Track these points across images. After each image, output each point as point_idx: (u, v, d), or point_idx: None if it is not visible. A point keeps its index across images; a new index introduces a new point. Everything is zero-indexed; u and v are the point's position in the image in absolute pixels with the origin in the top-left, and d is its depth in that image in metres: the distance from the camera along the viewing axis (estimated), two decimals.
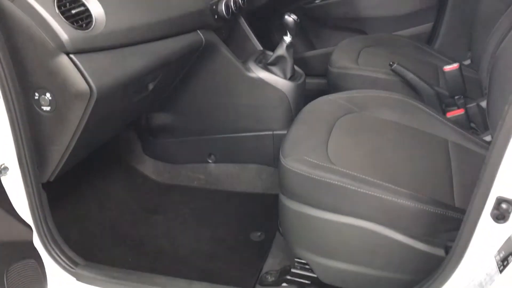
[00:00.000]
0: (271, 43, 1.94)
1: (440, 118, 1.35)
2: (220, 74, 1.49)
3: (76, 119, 1.00)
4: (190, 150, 1.69)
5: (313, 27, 2.27)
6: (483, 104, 1.52)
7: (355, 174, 1.02)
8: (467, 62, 1.98)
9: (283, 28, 1.50)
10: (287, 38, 1.51)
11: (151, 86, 1.24)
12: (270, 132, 1.57)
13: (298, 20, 1.49)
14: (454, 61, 1.87)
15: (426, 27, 2.13)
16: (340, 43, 1.91)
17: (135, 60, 1.08)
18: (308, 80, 1.69)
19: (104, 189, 1.61)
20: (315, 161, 1.05)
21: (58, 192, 1.23)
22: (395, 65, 1.53)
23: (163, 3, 1.19)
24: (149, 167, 1.74)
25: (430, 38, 2.15)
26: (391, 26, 2.14)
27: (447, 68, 1.52)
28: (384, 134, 1.25)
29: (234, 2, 1.51)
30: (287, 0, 2.13)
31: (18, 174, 1.00)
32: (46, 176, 1.09)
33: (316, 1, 2.18)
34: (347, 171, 1.03)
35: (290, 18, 1.48)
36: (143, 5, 1.12)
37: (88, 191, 1.56)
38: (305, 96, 1.61)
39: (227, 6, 1.43)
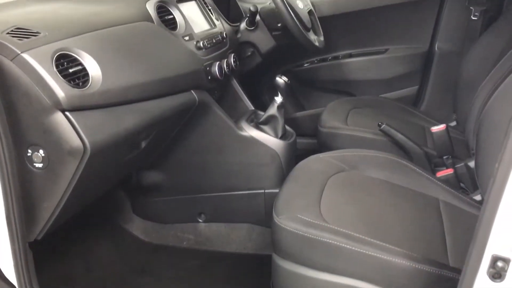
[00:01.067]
0: (261, 103, 1.99)
1: (430, 177, 1.37)
2: (212, 132, 1.51)
3: (68, 176, 0.99)
4: (180, 209, 1.67)
5: (303, 88, 2.33)
6: (471, 164, 1.54)
7: (349, 232, 1.01)
8: (453, 123, 2.03)
9: (274, 89, 1.54)
10: (278, 99, 1.55)
11: (143, 144, 1.25)
12: (262, 191, 1.57)
13: (289, 81, 1.54)
14: (440, 123, 1.93)
15: (412, 90, 2.20)
16: (329, 104, 1.95)
17: (129, 118, 1.09)
18: (299, 140, 1.72)
19: (91, 248, 1.57)
20: (309, 219, 1.04)
21: (45, 250, 1.20)
22: (383, 125, 1.56)
23: (159, 63, 1.22)
24: (137, 227, 1.71)
25: (416, 101, 2.22)
26: (378, 88, 2.21)
27: (435, 129, 1.56)
28: (376, 193, 1.25)
29: (227, 64, 1.55)
30: (277, 63, 2.20)
31: (5, 232, 0.98)
32: (34, 235, 1.06)
33: (305, 65, 2.26)
34: (341, 229, 1.02)
35: (281, 79, 1.53)
36: (139, 65, 1.15)
37: (74, 251, 1.52)
38: (296, 155, 1.63)
39: (220, 67, 1.47)
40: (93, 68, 1.02)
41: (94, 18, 1.12)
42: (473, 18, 1.96)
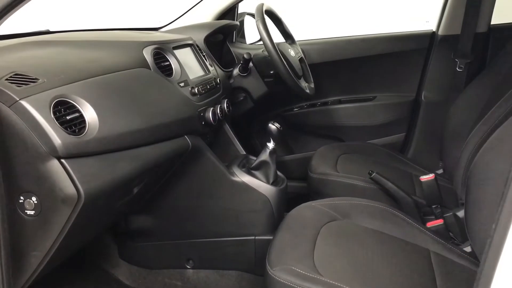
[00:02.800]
0: (251, 147, 2.00)
1: (421, 227, 1.37)
2: (204, 177, 1.51)
3: (60, 224, 0.97)
4: (168, 255, 1.64)
5: (292, 132, 2.36)
6: (460, 214, 1.56)
7: (343, 286, 1.01)
8: (440, 171, 2.07)
9: (264, 133, 1.55)
10: (270, 145, 1.56)
11: (136, 190, 1.24)
12: (252, 237, 1.55)
13: (281, 128, 1.56)
14: (427, 170, 1.96)
15: (399, 136, 2.25)
16: (318, 150, 1.97)
17: (124, 165, 1.09)
18: (288, 183, 1.72)
19: None
20: (303, 272, 1.03)
21: None
22: (374, 174, 1.58)
23: (155, 109, 1.23)
24: (124, 272, 1.67)
25: (403, 147, 2.26)
26: (367, 134, 2.24)
27: (424, 178, 1.58)
28: (369, 244, 1.25)
29: (221, 110, 1.57)
30: (267, 107, 2.23)
31: None
32: (20, 284, 1.03)
33: (295, 109, 2.29)
34: (336, 283, 1.01)
35: (273, 126, 1.55)
36: (136, 111, 1.15)
37: None
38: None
39: (214, 113, 1.49)
40: (90, 115, 1.02)
41: (92, 65, 1.13)
42: (458, 70, 2.03)
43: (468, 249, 1.39)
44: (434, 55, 2.11)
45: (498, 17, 2.04)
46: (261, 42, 2.40)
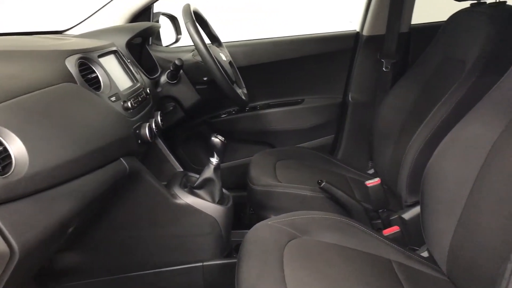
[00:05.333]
0: (176, 158, 1.82)
1: (379, 237, 1.34)
2: (142, 203, 1.32)
3: None
4: None
5: None
6: (405, 216, 1.56)
7: None
8: (371, 171, 2.08)
9: (189, 142, 1.40)
10: (214, 160, 1.43)
11: (71, 229, 1.03)
12: (200, 264, 1.41)
13: (225, 141, 1.43)
14: (358, 170, 1.96)
15: (328, 138, 2.23)
16: (252, 158, 1.88)
17: (61, 204, 0.89)
18: None
19: None
20: None
21: None
22: (324, 183, 1.52)
23: (89, 132, 1.03)
24: None
25: (332, 149, 2.24)
26: (297, 138, 2.20)
27: (370, 183, 1.56)
28: (335, 261, 1.18)
29: (156, 124, 1.39)
30: (192, 115, 2.08)
31: None
32: None
33: (222, 116, 2.17)
34: None
35: (217, 139, 1.41)
36: (68, 137, 0.95)
37: None
38: None
39: (150, 129, 1.31)
40: (16, 148, 0.80)
41: (12, 82, 0.90)
42: (385, 70, 2.06)
43: (425, 254, 1.38)
44: (360, 56, 2.12)
45: (416, 18, 2.11)
46: (178, 45, 2.25)
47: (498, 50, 1.40)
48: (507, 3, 1.52)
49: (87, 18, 1.90)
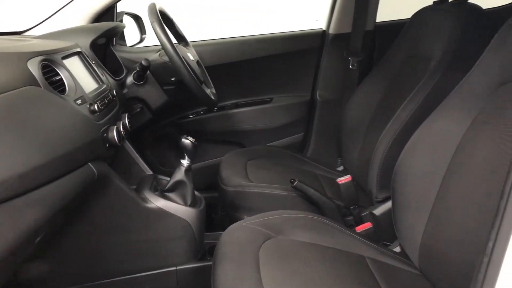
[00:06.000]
0: (148, 164, 1.79)
1: (352, 234, 1.35)
2: (113, 209, 1.29)
3: None
4: None
5: None
6: (376, 212, 1.58)
7: None
8: (340, 168, 2.10)
9: (159, 146, 1.36)
10: (185, 162, 1.40)
11: (38, 239, 0.99)
12: (173, 268, 1.38)
13: (196, 142, 1.41)
14: (327, 168, 1.98)
15: (298, 137, 2.24)
16: (223, 159, 1.86)
17: (29, 213, 0.85)
18: None
19: None
20: None
21: None
22: (296, 182, 1.52)
23: (55, 137, 0.99)
24: None
25: (302, 147, 2.25)
26: (266, 137, 2.19)
27: (341, 180, 1.57)
28: (310, 260, 1.18)
29: (123, 126, 1.36)
30: (160, 116, 2.04)
31: None
32: None
33: (190, 116, 2.14)
34: None
35: (187, 140, 1.39)
36: (35, 142, 0.91)
37: None
38: None
39: (118, 132, 1.27)
40: None
41: None
42: (351, 67, 2.08)
43: (397, 249, 1.40)
44: (327, 54, 2.13)
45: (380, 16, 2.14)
46: (143, 45, 2.21)
47: (462, 47, 1.44)
48: (468, 1, 1.55)
49: (48, 18, 1.83)
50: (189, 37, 1.94)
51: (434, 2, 1.66)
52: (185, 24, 2.05)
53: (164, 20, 1.72)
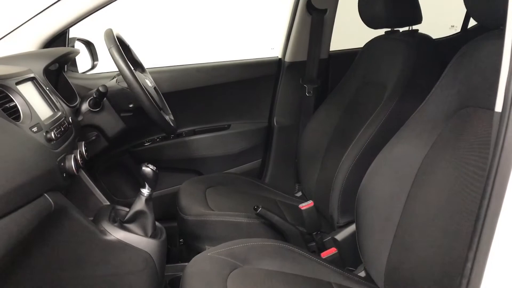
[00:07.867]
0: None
1: (318, 260, 1.35)
2: (69, 242, 1.21)
3: None
4: None
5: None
6: (338, 237, 1.59)
7: None
8: (299, 194, 2.11)
9: (111, 175, 1.31)
10: (145, 191, 1.35)
11: None
12: None
13: (157, 170, 1.36)
14: (286, 194, 1.98)
15: (256, 163, 2.23)
16: (181, 187, 1.82)
17: None
18: None
19: None
20: None
21: None
22: (260, 209, 1.50)
23: (12, 167, 0.93)
24: None
25: (260, 173, 2.24)
26: (224, 164, 2.17)
27: (303, 206, 1.57)
28: None
29: (81, 155, 1.30)
30: (116, 144, 1.97)
31: None
32: None
33: (145, 144, 2.08)
34: None
35: (148, 168, 1.34)
36: None
37: None
38: None
39: (76, 161, 1.21)
40: None
41: None
42: (307, 95, 2.12)
43: (362, 274, 1.41)
44: (283, 81, 2.16)
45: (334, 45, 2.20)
46: (94, 72, 2.14)
47: (416, 73, 1.50)
48: (419, 31, 1.63)
49: None
50: (145, 63, 1.91)
51: (385, 32, 1.74)
52: (141, 50, 2.02)
53: (121, 46, 1.68)
